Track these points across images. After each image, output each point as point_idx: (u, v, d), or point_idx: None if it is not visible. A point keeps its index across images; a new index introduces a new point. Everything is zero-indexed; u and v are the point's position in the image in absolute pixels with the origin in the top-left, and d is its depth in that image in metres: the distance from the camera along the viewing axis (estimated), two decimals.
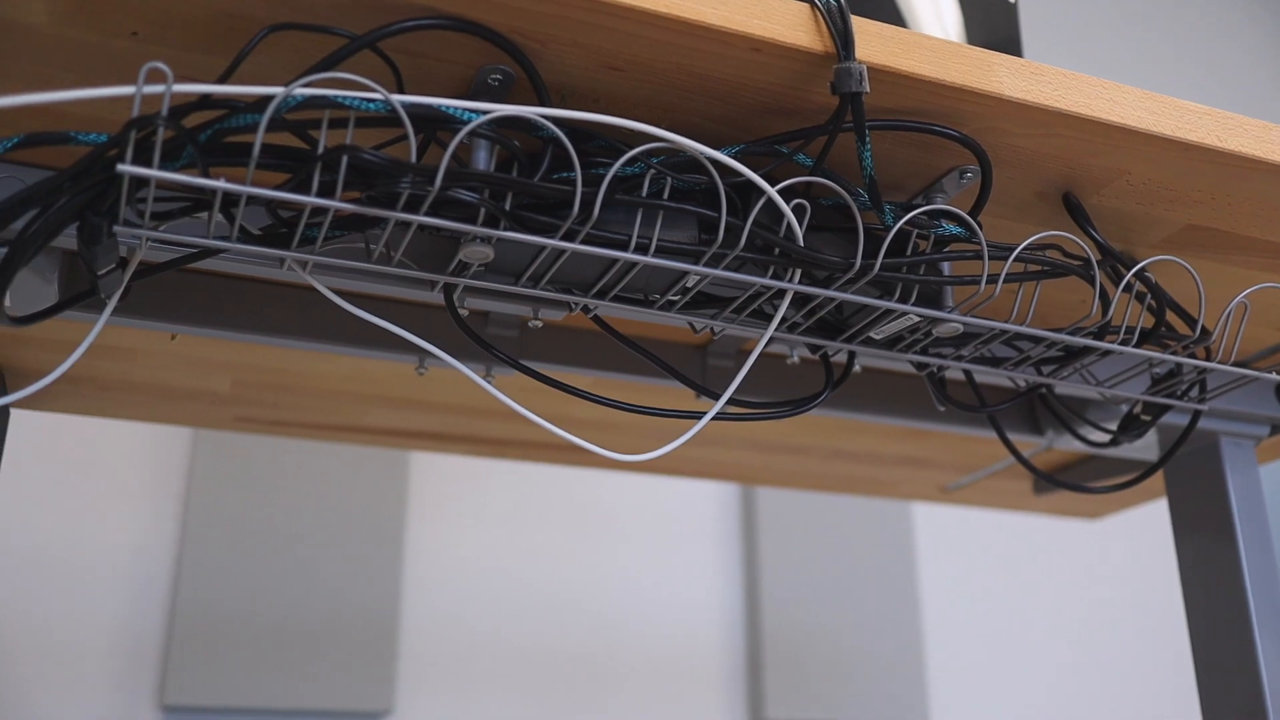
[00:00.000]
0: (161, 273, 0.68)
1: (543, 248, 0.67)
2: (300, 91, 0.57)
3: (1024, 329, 0.77)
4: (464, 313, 0.75)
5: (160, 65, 0.54)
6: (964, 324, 0.76)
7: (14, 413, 1.19)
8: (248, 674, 2.14)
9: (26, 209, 0.58)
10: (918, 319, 0.75)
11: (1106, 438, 1.05)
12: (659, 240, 0.67)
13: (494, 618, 2.41)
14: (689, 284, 0.72)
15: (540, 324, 0.80)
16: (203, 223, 0.63)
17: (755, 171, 0.64)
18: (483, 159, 0.65)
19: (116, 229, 0.60)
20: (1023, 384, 0.92)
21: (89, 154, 0.57)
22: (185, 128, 0.57)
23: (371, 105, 0.59)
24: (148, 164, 0.57)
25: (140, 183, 0.59)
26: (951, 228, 0.73)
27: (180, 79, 0.55)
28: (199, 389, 1.19)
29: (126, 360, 1.11)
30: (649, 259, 0.67)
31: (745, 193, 0.69)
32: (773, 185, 0.65)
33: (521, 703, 2.35)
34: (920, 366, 0.86)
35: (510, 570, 2.46)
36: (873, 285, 0.74)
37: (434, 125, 0.61)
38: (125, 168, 0.56)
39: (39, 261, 0.78)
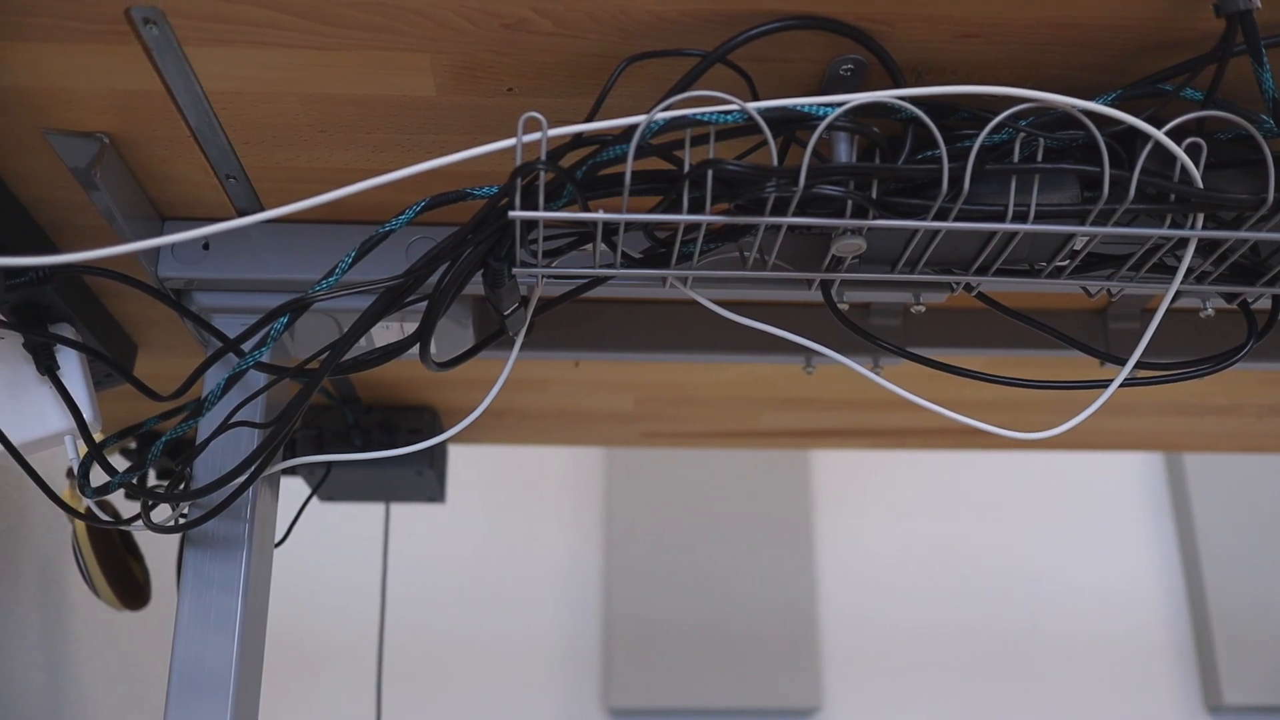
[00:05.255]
0: (558, 305, 0.73)
1: (916, 231, 0.65)
2: (661, 116, 0.59)
3: None
4: (844, 307, 0.75)
5: (535, 114, 0.58)
6: None
7: (450, 447, 1.32)
8: (682, 676, 2.24)
9: (438, 264, 0.64)
10: None
11: None
12: (1038, 205, 0.64)
13: (914, 610, 2.37)
14: (1077, 246, 0.68)
15: (923, 309, 0.79)
16: (589, 254, 0.67)
17: (1137, 116, 0.60)
18: (844, 151, 0.65)
19: (515, 270, 0.66)
20: None
21: (484, 206, 0.63)
22: (563, 168, 0.61)
23: (729, 117, 0.60)
24: (534, 207, 0.61)
25: (530, 225, 0.63)
26: None
27: (553, 124, 0.59)
28: (606, 410, 1.26)
29: (539, 390, 1.20)
30: (1029, 226, 0.64)
31: (1128, 141, 0.64)
32: (1159, 127, 0.60)
33: (954, 695, 2.30)
34: None
35: (925, 560, 2.41)
36: None
37: (791, 126, 0.62)
38: (516, 213, 0.61)
39: (454, 310, 0.86)
